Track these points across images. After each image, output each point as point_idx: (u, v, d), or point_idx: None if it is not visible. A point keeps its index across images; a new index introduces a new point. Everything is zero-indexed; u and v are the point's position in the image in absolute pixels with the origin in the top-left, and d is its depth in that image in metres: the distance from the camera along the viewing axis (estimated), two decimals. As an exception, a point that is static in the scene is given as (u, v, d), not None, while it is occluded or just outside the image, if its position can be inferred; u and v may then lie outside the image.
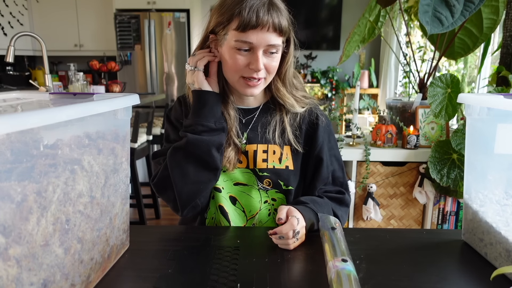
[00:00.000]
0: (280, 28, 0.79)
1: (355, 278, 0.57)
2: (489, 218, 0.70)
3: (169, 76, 4.22)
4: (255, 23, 0.76)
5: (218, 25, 0.82)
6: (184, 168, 0.83)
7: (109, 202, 0.64)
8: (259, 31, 0.77)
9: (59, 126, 0.49)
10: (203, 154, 0.82)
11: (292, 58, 0.90)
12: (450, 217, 1.73)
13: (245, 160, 0.90)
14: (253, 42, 0.78)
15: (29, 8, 4.48)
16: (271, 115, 0.92)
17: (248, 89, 0.84)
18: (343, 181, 0.96)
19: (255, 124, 0.92)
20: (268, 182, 0.90)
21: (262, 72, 0.82)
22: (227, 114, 0.89)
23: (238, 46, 0.79)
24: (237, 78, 0.83)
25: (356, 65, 4.32)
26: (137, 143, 2.30)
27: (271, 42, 0.79)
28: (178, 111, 0.93)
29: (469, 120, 0.75)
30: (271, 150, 0.90)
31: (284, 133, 0.90)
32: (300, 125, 0.93)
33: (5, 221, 0.41)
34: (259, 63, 0.79)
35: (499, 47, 1.79)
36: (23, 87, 4.02)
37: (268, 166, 0.89)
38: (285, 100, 0.90)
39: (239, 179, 0.91)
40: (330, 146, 0.95)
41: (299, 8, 4.48)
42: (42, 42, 1.95)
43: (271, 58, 0.82)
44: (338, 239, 0.68)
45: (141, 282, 0.62)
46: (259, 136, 0.91)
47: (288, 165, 0.91)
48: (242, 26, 0.76)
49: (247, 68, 0.81)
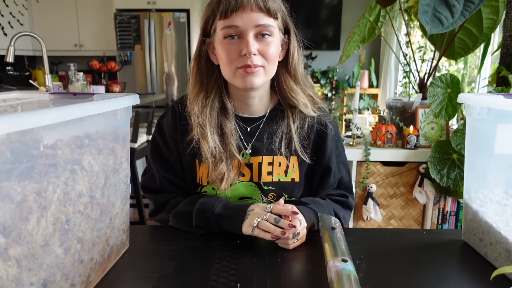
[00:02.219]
0: (266, 7, 0.75)
1: (355, 278, 0.57)
2: (489, 218, 0.70)
3: (169, 76, 4.22)
4: (235, 5, 0.73)
5: (207, 23, 0.80)
6: (183, 227, 0.83)
7: (109, 202, 0.64)
8: (242, 12, 0.74)
9: (59, 126, 0.49)
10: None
11: (299, 53, 0.86)
12: (450, 217, 1.73)
13: (249, 173, 0.87)
14: (239, 24, 0.74)
15: (29, 8, 4.48)
16: (277, 124, 0.87)
17: (247, 79, 0.77)
18: (348, 185, 0.94)
19: (261, 134, 0.87)
20: (272, 196, 0.87)
21: (257, 58, 0.76)
22: (225, 127, 0.84)
23: (226, 34, 0.76)
24: (233, 71, 0.78)
25: (356, 65, 4.32)
26: (137, 143, 2.30)
27: (260, 22, 0.75)
28: (171, 125, 0.88)
29: (469, 120, 0.75)
30: (277, 162, 0.86)
31: (291, 143, 0.86)
32: (308, 134, 0.88)
33: (5, 221, 0.41)
34: (249, 45, 0.74)
35: (499, 47, 1.79)
36: (23, 87, 4.02)
37: (273, 180, 0.86)
38: (299, 99, 0.85)
39: (243, 193, 0.87)
40: (338, 153, 0.92)
41: (299, 8, 4.48)
42: (42, 42, 1.95)
43: (265, 42, 0.77)
44: (338, 239, 0.68)
45: (141, 282, 0.62)
46: (264, 147, 0.86)
47: (294, 177, 0.87)
48: (224, 11, 0.74)
49: (240, 56, 0.76)
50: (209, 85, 0.84)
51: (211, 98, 0.84)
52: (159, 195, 0.89)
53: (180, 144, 0.87)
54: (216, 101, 0.85)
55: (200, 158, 0.85)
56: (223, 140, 0.84)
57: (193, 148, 0.84)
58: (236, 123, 0.87)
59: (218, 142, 0.82)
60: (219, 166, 0.82)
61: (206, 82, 0.84)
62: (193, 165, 0.87)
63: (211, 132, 0.82)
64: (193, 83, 0.85)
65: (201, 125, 0.82)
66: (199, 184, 0.88)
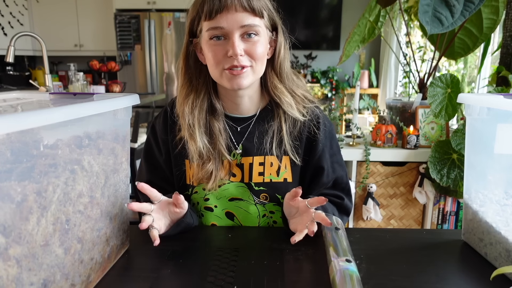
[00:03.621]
0: (251, 6, 0.74)
1: (358, 279, 0.56)
2: (489, 218, 0.70)
3: (169, 76, 4.22)
4: (219, 6, 0.73)
5: (192, 23, 0.79)
6: None
7: (109, 202, 0.64)
8: (227, 13, 0.73)
9: (59, 126, 0.49)
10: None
11: (286, 50, 0.84)
12: (450, 217, 1.73)
13: (240, 174, 0.85)
14: (224, 26, 0.73)
15: (29, 8, 4.48)
16: (268, 123, 0.85)
17: (234, 81, 0.76)
18: (345, 186, 0.92)
19: (251, 134, 0.86)
20: (264, 197, 0.86)
21: (244, 59, 0.75)
22: (213, 127, 0.83)
23: (211, 35, 0.75)
24: (220, 72, 0.77)
25: (356, 65, 4.32)
26: (137, 143, 2.30)
27: (245, 22, 0.74)
28: (162, 127, 0.88)
29: (469, 120, 0.75)
30: (268, 162, 0.85)
31: (282, 143, 0.84)
32: (300, 133, 0.86)
33: (5, 221, 0.41)
34: (235, 46, 0.73)
35: (499, 47, 1.79)
36: (23, 87, 4.02)
37: (264, 180, 0.85)
38: (282, 98, 0.83)
39: (233, 194, 0.86)
40: (332, 152, 0.90)
41: (299, 8, 4.48)
42: (42, 42, 1.95)
43: (251, 42, 0.75)
44: (341, 239, 0.68)
45: (141, 282, 0.62)
46: (255, 147, 0.85)
47: (287, 177, 0.86)
48: (209, 13, 0.73)
49: (227, 57, 0.75)
50: (198, 85, 0.84)
51: (200, 99, 0.83)
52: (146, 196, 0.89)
53: (171, 145, 0.87)
54: (205, 101, 0.84)
55: (190, 158, 0.85)
56: (212, 140, 0.83)
57: (183, 149, 0.84)
58: (225, 123, 0.86)
59: (206, 142, 0.82)
60: (206, 165, 0.82)
61: (195, 82, 0.84)
62: (183, 166, 0.87)
63: (200, 132, 0.82)
64: (182, 84, 0.84)
65: (191, 126, 0.82)
66: (189, 185, 0.87)
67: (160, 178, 0.90)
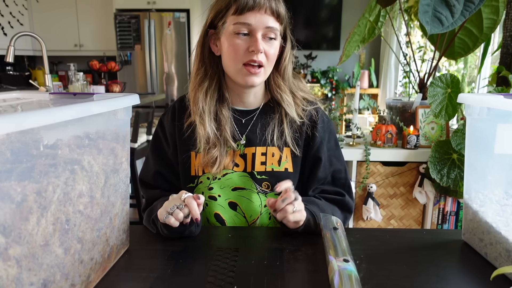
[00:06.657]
0: (277, 12, 0.81)
1: (356, 279, 0.57)
2: (489, 218, 0.70)
3: (169, 76, 4.22)
4: (252, 4, 0.78)
5: (217, 15, 0.83)
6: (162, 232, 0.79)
7: (109, 202, 0.64)
8: (257, 12, 0.79)
9: (59, 126, 0.49)
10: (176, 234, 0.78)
11: (291, 56, 0.90)
12: (450, 217, 1.73)
13: (243, 163, 0.89)
14: (252, 23, 0.79)
15: (29, 8, 4.48)
16: (270, 116, 0.90)
17: (249, 78, 0.82)
18: (345, 182, 0.94)
19: (254, 126, 0.90)
20: (266, 185, 0.89)
21: (262, 56, 0.81)
22: (221, 114, 0.87)
23: (237, 30, 0.80)
24: (239, 67, 0.82)
25: (356, 65, 4.32)
26: (137, 143, 2.30)
27: (269, 24, 0.80)
28: (171, 122, 0.91)
29: (469, 120, 0.75)
30: (270, 153, 0.89)
31: (283, 135, 0.89)
32: (301, 126, 0.91)
33: (5, 221, 0.41)
34: (258, 43, 0.79)
35: (499, 47, 1.79)
36: (23, 87, 4.02)
37: (266, 169, 0.88)
38: (284, 96, 0.88)
39: (237, 184, 0.89)
40: (329, 146, 0.93)
41: (299, 8, 4.48)
42: (42, 42, 1.95)
43: (270, 44, 0.82)
44: (340, 239, 0.68)
45: (141, 282, 0.62)
46: (258, 138, 0.89)
47: (288, 167, 0.89)
48: (240, 8, 0.78)
49: (247, 52, 0.80)
50: (212, 74, 0.88)
51: (212, 88, 0.88)
52: (152, 192, 0.92)
53: (178, 140, 0.90)
54: (216, 90, 0.89)
55: (196, 149, 0.88)
56: (219, 127, 0.87)
57: (189, 140, 0.88)
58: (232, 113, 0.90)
59: (214, 128, 0.86)
60: (212, 150, 0.86)
61: (209, 71, 0.88)
62: (189, 158, 0.90)
63: (209, 118, 0.86)
64: (196, 69, 0.88)
65: (203, 112, 0.85)
66: (194, 177, 0.90)
67: (167, 169, 0.93)
